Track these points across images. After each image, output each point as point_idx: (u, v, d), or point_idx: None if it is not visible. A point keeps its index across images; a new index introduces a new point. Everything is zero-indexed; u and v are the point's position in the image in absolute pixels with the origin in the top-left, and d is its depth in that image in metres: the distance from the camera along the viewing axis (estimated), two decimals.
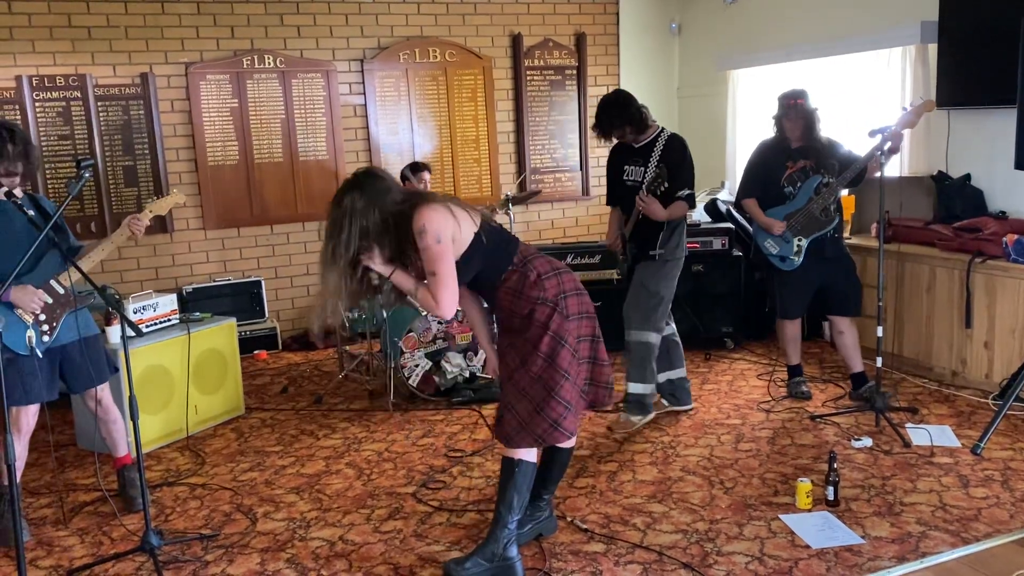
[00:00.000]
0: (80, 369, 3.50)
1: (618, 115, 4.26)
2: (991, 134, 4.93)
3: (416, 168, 5.89)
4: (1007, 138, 4.58)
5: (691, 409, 4.59)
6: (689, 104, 7.52)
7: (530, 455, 2.98)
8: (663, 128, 4.34)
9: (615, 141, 4.42)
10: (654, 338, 4.32)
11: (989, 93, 4.80)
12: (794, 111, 4.43)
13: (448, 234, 2.82)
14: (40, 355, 3.31)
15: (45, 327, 3.34)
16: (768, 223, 4.51)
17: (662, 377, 4.49)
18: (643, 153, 4.31)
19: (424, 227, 2.79)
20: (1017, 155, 4.30)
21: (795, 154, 4.51)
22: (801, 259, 4.49)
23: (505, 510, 2.96)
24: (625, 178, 4.38)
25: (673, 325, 4.54)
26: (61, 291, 3.37)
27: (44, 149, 5.75)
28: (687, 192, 4.26)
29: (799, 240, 4.47)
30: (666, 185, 4.17)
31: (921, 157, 5.38)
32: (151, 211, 3.57)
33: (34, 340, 3.27)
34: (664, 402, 4.55)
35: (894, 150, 4.20)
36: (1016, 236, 4.43)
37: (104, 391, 3.62)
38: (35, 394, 3.35)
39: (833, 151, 4.49)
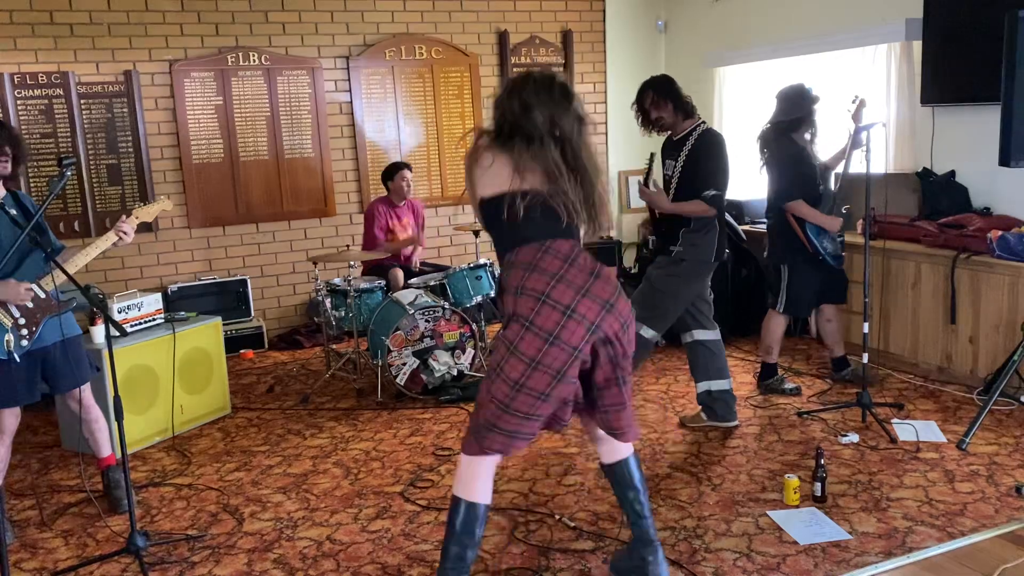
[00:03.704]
0: (62, 370, 3.46)
1: (660, 90, 4.05)
2: (975, 131, 4.96)
3: (392, 171, 5.83)
4: (991, 134, 4.59)
5: (736, 426, 4.23)
6: None
7: (471, 493, 2.60)
8: (703, 122, 4.09)
9: (663, 134, 4.18)
10: (646, 332, 4.08)
11: (973, 90, 4.83)
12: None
13: None
14: (18, 359, 3.24)
15: (25, 331, 3.28)
16: (832, 222, 4.46)
17: (701, 387, 4.22)
18: (677, 146, 4.08)
19: None
20: (1001, 151, 4.31)
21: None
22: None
23: (442, 556, 2.65)
24: (664, 172, 4.19)
25: (714, 332, 4.20)
26: (43, 295, 3.31)
27: (26, 147, 5.69)
28: (711, 193, 3.93)
29: (841, 236, 4.58)
30: (651, 178, 4.07)
31: (906, 154, 5.41)
32: (137, 217, 3.50)
33: (12, 344, 3.21)
34: (702, 415, 4.27)
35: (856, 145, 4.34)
36: (1000, 232, 4.45)
37: (85, 391, 3.58)
38: (13, 397, 3.31)
39: None
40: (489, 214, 2.59)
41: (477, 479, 2.62)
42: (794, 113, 4.49)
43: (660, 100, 4.04)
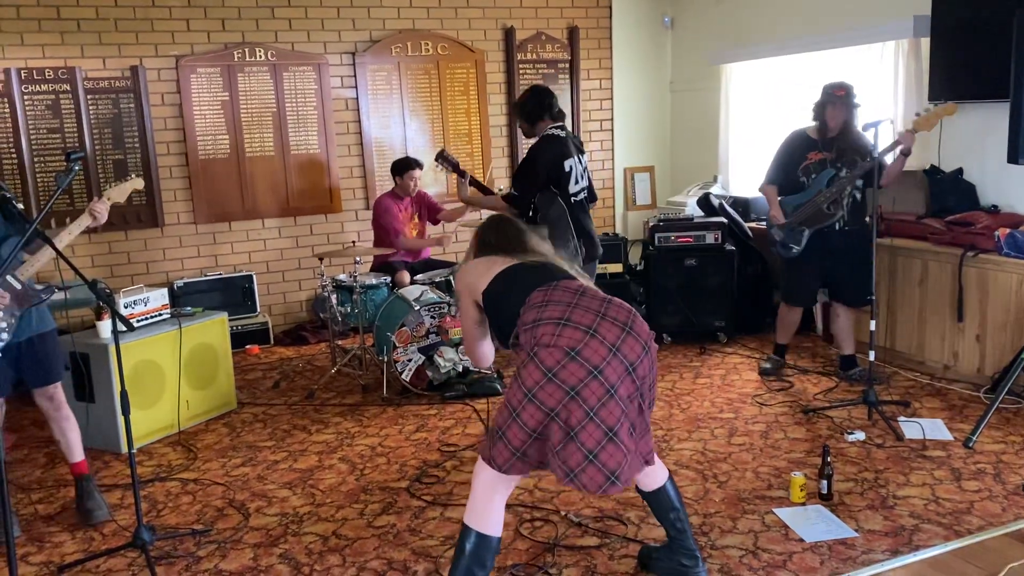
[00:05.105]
0: (34, 365, 3.36)
1: (514, 108, 4.70)
2: (983, 128, 4.94)
3: (403, 168, 5.78)
4: (999, 132, 4.59)
5: None
6: (682, 98, 7.51)
7: (484, 524, 2.58)
8: (553, 129, 4.44)
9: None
10: None
11: (982, 87, 4.81)
12: (840, 102, 4.50)
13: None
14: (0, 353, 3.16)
15: (3, 324, 3.17)
16: (774, 214, 4.70)
17: None
18: None
19: None
20: (1009, 149, 4.31)
21: (819, 145, 4.60)
22: (801, 248, 4.63)
23: None
24: None
25: None
26: (19, 287, 3.22)
27: (33, 142, 5.71)
28: (508, 191, 4.50)
29: (801, 229, 4.61)
30: (449, 170, 5.02)
31: (914, 151, 5.37)
32: (109, 198, 3.44)
33: None
34: None
35: (905, 152, 4.39)
36: (1008, 230, 4.44)
37: (57, 389, 3.48)
38: None
39: (861, 148, 4.53)
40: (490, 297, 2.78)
41: (490, 511, 2.59)
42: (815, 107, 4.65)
43: (515, 115, 4.69)
